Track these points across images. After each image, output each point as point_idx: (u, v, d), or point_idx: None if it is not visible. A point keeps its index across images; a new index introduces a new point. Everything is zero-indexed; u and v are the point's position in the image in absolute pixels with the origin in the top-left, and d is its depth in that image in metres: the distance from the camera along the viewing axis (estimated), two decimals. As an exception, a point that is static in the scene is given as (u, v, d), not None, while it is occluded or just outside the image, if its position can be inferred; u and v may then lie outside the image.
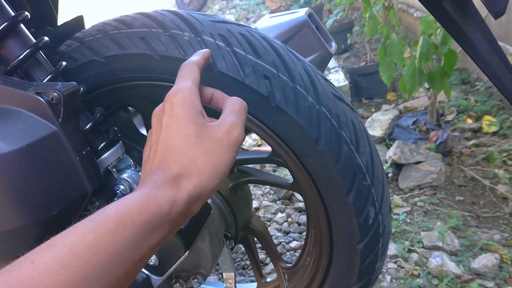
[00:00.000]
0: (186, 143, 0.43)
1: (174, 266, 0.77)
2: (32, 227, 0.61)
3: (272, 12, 4.58)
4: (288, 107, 0.66)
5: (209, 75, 0.66)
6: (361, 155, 0.70)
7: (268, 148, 0.82)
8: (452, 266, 1.38)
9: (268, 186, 2.02)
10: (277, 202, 1.91)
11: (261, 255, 1.57)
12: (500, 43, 1.28)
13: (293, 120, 0.67)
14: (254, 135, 2.59)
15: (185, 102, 0.45)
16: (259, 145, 2.38)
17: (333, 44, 1.02)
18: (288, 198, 1.91)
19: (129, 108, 1.04)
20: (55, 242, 0.33)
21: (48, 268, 0.30)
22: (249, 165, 1.00)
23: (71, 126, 0.62)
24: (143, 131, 1.08)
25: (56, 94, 0.59)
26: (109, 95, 0.76)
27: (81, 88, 0.68)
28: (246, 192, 0.98)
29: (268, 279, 1.04)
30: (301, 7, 2.95)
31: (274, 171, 2.18)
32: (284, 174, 2.08)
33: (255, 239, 1.08)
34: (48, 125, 0.60)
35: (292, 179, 0.87)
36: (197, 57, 0.54)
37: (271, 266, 1.51)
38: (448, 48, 1.64)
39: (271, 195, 1.97)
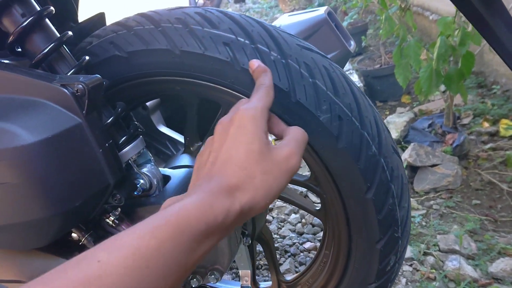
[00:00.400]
0: (248, 157, 0.44)
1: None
2: (54, 218, 0.61)
3: (285, 15, 4.57)
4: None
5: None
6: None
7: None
8: (469, 270, 1.36)
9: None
10: (291, 203, 1.91)
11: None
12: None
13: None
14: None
15: (255, 119, 0.47)
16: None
17: (352, 43, 1.01)
18: (301, 199, 1.90)
19: (147, 105, 1.05)
20: (121, 242, 0.34)
21: (114, 270, 0.32)
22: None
23: (94, 118, 0.63)
24: (161, 128, 1.09)
25: (81, 86, 0.60)
26: (132, 90, 0.76)
27: (104, 82, 0.69)
28: None
29: (287, 278, 1.03)
30: (315, 9, 2.95)
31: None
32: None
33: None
34: (73, 117, 0.61)
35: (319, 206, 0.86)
36: (268, 79, 0.55)
37: (285, 265, 1.50)
38: (466, 49, 1.62)
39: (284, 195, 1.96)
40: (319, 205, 0.85)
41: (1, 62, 0.64)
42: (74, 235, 0.72)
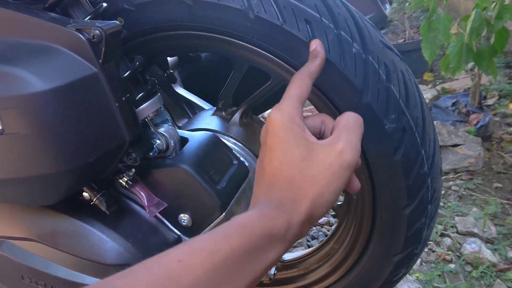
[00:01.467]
0: (291, 169, 0.42)
1: (208, 228, 0.73)
2: (65, 174, 0.57)
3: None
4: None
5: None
6: (412, 110, 0.64)
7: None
8: (488, 254, 1.32)
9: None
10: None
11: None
12: None
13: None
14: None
15: (286, 123, 0.43)
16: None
17: (388, 6, 0.95)
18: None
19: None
20: (198, 246, 0.36)
21: (193, 270, 0.34)
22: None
23: (111, 69, 0.58)
24: (178, 89, 1.03)
25: (97, 32, 0.54)
26: (152, 44, 0.70)
27: (123, 32, 0.63)
28: None
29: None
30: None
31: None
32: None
33: None
34: (88, 65, 0.55)
35: None
36: (312, 65, 0.49)
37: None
38: (502, 24, 1.53)
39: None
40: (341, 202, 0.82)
41: (12, 2, 0.59)
42: (85, 194, 0.68)
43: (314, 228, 1.55)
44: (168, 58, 0.96)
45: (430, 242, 1.42)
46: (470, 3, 2.34)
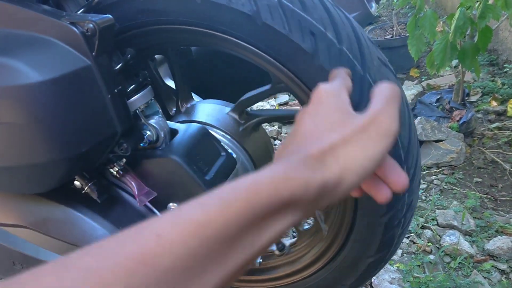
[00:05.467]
0: (328, 128, 0.39)
1: (196, 217, 0.75)
2: (58, 163, 0.59)
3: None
4: None
5: None
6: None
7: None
8: (466, 246, 1.37)
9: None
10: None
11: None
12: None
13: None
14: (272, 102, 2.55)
15: (333, 93, 0.43)
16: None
17: (373, 4, 0.97)
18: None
19: (155, 57, 1.01)
20: (184, 215, 0.30)
21: (174, 249, 0.27)
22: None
23: (104, 62, 0.60)
24: (168, 81, 1.05)
25: (91, 25, 0.56)
26: (144, 37, 0.72)
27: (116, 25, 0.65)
28: (263, 135, 0.95)
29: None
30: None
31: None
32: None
33: None
34: (81, 58, 0.57)
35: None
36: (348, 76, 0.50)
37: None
38: (486, 23, 1.57)
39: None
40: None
41: (7, -6, 0.60)
42: (77, 182, 0.70)
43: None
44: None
45: (411, 234, 1.47)
46: (457, 0, 2.39)
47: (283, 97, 2.56)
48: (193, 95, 1.03)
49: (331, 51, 0.61)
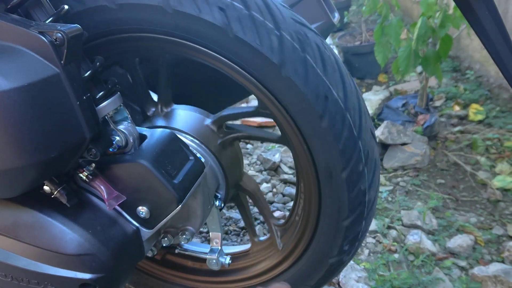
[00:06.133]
0: None
1: (165, 220, 0.78)
2: (27, 168, 0.60)
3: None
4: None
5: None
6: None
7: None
8: (428, 244, 1.43)
9: (255, 157, 2.03)
10: (263, 172, 1.93)
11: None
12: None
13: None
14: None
15: None
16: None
17: (336, 15, 1.01)
18: (274, 170, 1.93)
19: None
20: None
21: None
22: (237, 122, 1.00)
23: (72, 70, 0.62)
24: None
25: (60, 35, 0.58)
26: (112, 45, 0.74)
27: (85, 33, 0.67)
28: (236, 150, 0.99)
29: (262, 238, 1.06)
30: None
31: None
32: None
33: (247, 197, 1.09)
34: (50, 66, 0.59)
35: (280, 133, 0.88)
36: None
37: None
38: (446, 32, 1.65)
39: (257, 166, 1.98)
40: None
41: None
42: (46, 187, 0.71)
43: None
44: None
45: (377, 234, 1.52)
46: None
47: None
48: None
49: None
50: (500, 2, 2.00)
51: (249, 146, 2.16)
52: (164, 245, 0.89)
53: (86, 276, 0.72)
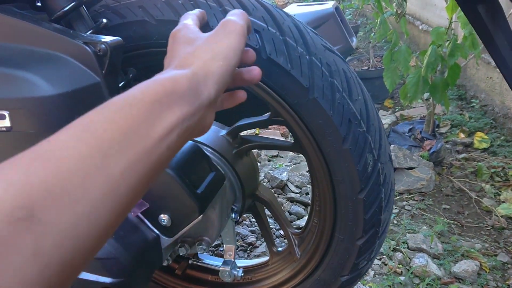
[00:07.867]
0: (185, 45, 0.46)
1: (185, 229, 0.80)
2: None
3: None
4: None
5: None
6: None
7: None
8: (434, 268, 1.44)
9: (262, 175, 2.06)
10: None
11: (251, 238, 1.61)
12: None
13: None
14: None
15: (183, 27, 0.49)
16: (257, 134, 2.42)
17: (354, 39, 1.06)
18: (281, 188, 1.95)
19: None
20: (68, 125, 0.34)
21: (63, 144, 0.31)
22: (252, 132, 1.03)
23: (112, 80, 0.65)
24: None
25: (103, 46, 0.62)
26: (145, 57, 0.78)
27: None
28: (252, 160, 1.01)
29: (280, 248, 1.08)
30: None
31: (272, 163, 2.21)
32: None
33: (264, 208, 1.11)
34: (92, 75, 0.62)
35: (293, 140, 0.91)
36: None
37: (261, 249, 1.55)
38: (455, 61, 1.70)
39: (265, 183, 2.00)
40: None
41: (23, 13, 0.65)
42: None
43: (277, 239, 1.63)
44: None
45: (383, 256, 1.54)
46: (429, 37, 2.56)
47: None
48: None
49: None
50: None
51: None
52: (180, 254, 0.91)
53: (107, 280, 0.74)
